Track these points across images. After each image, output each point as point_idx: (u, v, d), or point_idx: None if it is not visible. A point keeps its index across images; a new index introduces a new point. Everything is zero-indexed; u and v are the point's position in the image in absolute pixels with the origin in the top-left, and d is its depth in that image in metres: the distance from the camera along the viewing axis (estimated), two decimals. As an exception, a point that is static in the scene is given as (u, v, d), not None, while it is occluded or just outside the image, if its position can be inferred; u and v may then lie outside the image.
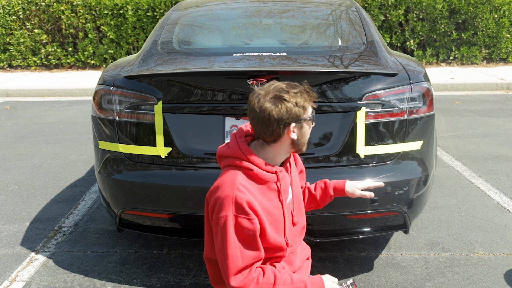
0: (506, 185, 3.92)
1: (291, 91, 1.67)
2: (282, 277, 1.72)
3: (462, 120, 6.05)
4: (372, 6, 9.24)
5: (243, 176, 1.71)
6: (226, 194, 1.67)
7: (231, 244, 1.65)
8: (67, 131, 5.85)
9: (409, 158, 2.47)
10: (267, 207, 1.74)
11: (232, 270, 1.66)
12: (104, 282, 2.62)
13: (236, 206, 1.65)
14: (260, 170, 1.73)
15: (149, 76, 2.47)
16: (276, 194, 1.78)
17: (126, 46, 9.69)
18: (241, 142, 1.76)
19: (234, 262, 1.66)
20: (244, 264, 1.67)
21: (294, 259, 1.90)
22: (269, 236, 1.74)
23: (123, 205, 2.52)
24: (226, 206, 1.65)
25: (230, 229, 1.65)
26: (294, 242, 1.87)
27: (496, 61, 9.82)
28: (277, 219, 1.78)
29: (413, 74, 2.50)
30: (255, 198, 1.70)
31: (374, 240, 3.01)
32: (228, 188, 1.68)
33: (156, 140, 2.42)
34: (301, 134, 1.73)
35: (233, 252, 1.66)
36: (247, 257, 1.67)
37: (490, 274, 2.65)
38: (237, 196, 1.65)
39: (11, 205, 3.68)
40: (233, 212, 1.65)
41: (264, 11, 3.37)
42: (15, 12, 9.78)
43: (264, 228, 1.71)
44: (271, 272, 1.72)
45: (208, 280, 2.60)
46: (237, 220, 1.65)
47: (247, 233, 1.67)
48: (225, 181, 1.71)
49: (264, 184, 1.75)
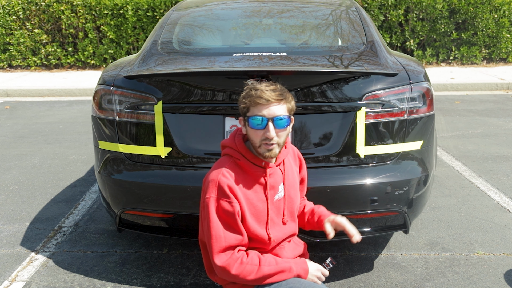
0: (506, 185, 3.92)
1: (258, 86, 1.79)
2: (267, 259, 1.82)
3: (462, 120, 6.05)
4: (372, 6, 9.23)
5: (231, 164, 1.85)
6: (212, 177, 1.81)
7: (214, 224, 1.78)
8: (67, 131, 5.85)
9: (409, 158, 2.47)
10: (250, 197, 1.85)
11: (216, 249, 1.77)
12: (104, 282, 2.62)
13: (219, 189, 1.79)
14: (247, 160, 1.84)
15: (149, 76, 2.47)
16: (263, 188, 1.88)
17: (126, 46, 9.69)
18: (238, 135, 1.90)
19: (217, 241, 1.77)
20: (226, 244, 1.78)
21: (282, 254, 1.96)
22: (250, 225, 1.84)
23: (123, 205, 2.51)
24: (210, 189, 1.80)
25: (212, 210, 1.78)
26: (278, 238, 1.93)
27: (496, 61, 9.82)
28: (260, 211, 1.87)
29: (413, 74, 2.50)
30: (238, 185, 1.82)
31: (374, 240, 3.01)
32: (215, 172, 1.83)
33: (156, 140, 2.42)
34: (247, 131, 1.84)
35: (216, 232, 1.77)
36: (229, 238, 1.78)
37: (490, 274, 2.65)
38: (220, 180, 1.79)
39: (11, 205, 3.68)
40: (215, 194, 1.79)
41: (264, 11, 3.37)
42: (15, 12, 9.77)
43: (244, 214, 1.82)
44: (255, 254, 1.82)
45: (208, 280, 2.60)
46: (218, 203, 1.78)
47: (228, 215, 1.78)
48: (215, 167, 1.87)
49: (252, 175, 1.86)
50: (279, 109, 1.78)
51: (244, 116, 1.83)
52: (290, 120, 1.84)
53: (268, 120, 1.76)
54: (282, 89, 1.82)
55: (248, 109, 1.80)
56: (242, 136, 1.91)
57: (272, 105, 1.77)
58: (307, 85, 2.33)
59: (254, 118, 1.77)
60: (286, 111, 1.81)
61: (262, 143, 1.80)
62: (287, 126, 1.82)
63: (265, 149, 1.80)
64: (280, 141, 1.82)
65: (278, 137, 1.80)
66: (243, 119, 1.85)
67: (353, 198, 2.37)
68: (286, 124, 1.81)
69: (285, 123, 1.80)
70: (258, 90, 1.77)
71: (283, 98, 1.80)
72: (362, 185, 2.35)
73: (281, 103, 1.79)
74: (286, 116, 1.80)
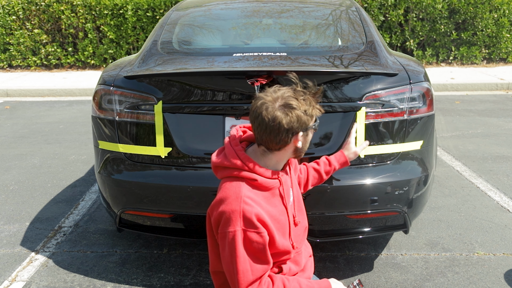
0: (506, 185, 3.92)
1: (299, 98, 1.62)
2: (291, 285, 1.70)
3: (462, 120, 6.05)
4: (372, 6, 9.24)
5: (247, 187, 1.65)
6: (233, 208, 1.60)
7: (241, 259, 1.60)
8: (67, 131, 5.85)
9: (409, 158, 2.47)
10: (273, 214, 1.70)
11: (243, 284, 1.62)
12: (104, 282, 2.62)
13: (245, 220, 1.59)
14: (264, 178, 1.68)
15: (149, 76, 2.47)
16: (280, 199, 1.75)
17: (126, 46, 9.70)
18: (239, 151, 1.70)
19: (245, 276, 1.61)
20: (254, 277, 1.63)
21: (300, 259, 1.90)
22: (278, 243, 1.70)
23: (123, 205, 2.52)
24: (233, 221, 1.59)
25: (239, 243, 1.59)
26: (298, 243, 1.86)
27: (496, 61, 9.82)
28: (283, 224, 1.75)
29: (413, 74, 2.50)
30: (262, 208, 1.65)
31: (374, 240, 3.01)
32: (234, 201, 1.61)
33: (156, 140, 2.42)
34: (306, 141, 1.72)
35: (243, 267, 1.61)
36: (257, 270, 1.64)
37: (490, 274, 2.65)
38: (245, 210, 1.59)
39: (11, 205, 3.68)
40: (241, 227, 1.59)
41: (264, 11, 3.37)
42: (15, 12, 9.78)
43: (273, 237, 1.67)
44: (280, 282, 1.69)
45: (208, 280, 2.60)
46: (246, 235, 1.60)
47: (257, 246, 1.62)
48: (229, 194, 1.64)
49: (268, 191, 1.71)
50: None
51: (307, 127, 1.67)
52: None
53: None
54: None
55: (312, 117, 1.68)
56: (242, 148, 1.73)
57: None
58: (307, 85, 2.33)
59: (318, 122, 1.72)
60: None
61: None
62: None
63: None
64: None
65: None
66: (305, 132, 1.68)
67: (353, 198, 2.37)
68: None
69: None
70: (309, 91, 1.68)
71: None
72: (362, 185, 2.35)
73: None
74: None
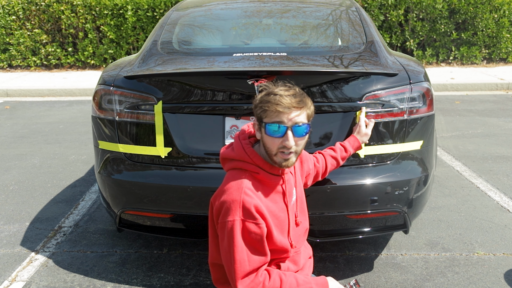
0: (506, 185, 3.91)
1: (275, 89, 1.67)
2: (288, 280, 1.71)
3: (462, 120, 6.05)
4: (372, 6, 9.23)
5: (249, 179, 1.69)
6: (233, 198, 1.64)
7: (238, 249, 1.63)
8: (67, 131, 5.85)
9: (409, 158, 2.47)
10: (273, 210, 1.72)
11: (239, 274, 1.64)
12: (104, 282, 2.62)
13: (244, 210, 1.62)
14: (267, 173, 1.70)
15: (149, 76, 2.47)
16: (282, 196, 1.77)
17: (126, 46, 9.69)
18: (246, 145, 1.73)
19: (241, 266, 1.64)
20: (251, 268, 1.65)
21: (299, 259, 1.90)
22: (275, 239, 1.72)
23: (123, 205, 2.52)
24: (233, 210, 1.63)
25: (237, 233, 1.63)
26: (298, 243, 1.87)
27: (496, 61, 9.82)
28: (282, 221, 1.77)
29: (413, 74, 2.50)
30: (262, 201, 1.68)
31: (374, 240, 3.01)
32: (235, 192, 1.65)
33: (156, 140, 2.42)
34: (264, 137, 1.68)
35: (240, 257, 1.64)
36: (254, 261, 1.66)
37: (490, 274, 2.65)
38: (244, 201, 1.63)
39: (11, 205, 3.68)
40: (240, 217, 1.62)
41: (264, 11, 3.37)
42: (15, 12, 9.77)
43: (271, 231, 1.70)
44: (277, 275, 1.71)
45: (208, 280, 2.60)
46: (244, 225, 1.63)
47: (255, 237, 1.65)
48: (232, 185, 1.68)
49: (270, 186, 1.74)
50: (299, 116, 1.64)
51: (260, 121, 1.67)
52: (310, 127, 1.70)
53: (287, 128, 1.63)
54: (301, 94, 1.68)
55: (265, 114, 1.64)
56: (250, 143, 1.75)
57: (292, 112, 1.62)
58: (307, 85, 2.33)
59: (272, 125, 1.63)
60: (306, 118, 1.68)
61: (278, 152, 1.66)
62: (306, 134, 1.68)
63: (282, 159, 1.67)
64: (298, 149, 1.69)
65: (297, 145, 1.67)
66: (258, 124, 1.69)
67: (353, 198, 2.37)
68: (305, 132, 1.67)
69: (305, 130, 1.67)
70: (277, 95, 1.62)
71: (304, 105, 1.66)
72: (362, 185, 2.35)
73: (301, 110, 1.65)
74: (306, 124, 1.66)
